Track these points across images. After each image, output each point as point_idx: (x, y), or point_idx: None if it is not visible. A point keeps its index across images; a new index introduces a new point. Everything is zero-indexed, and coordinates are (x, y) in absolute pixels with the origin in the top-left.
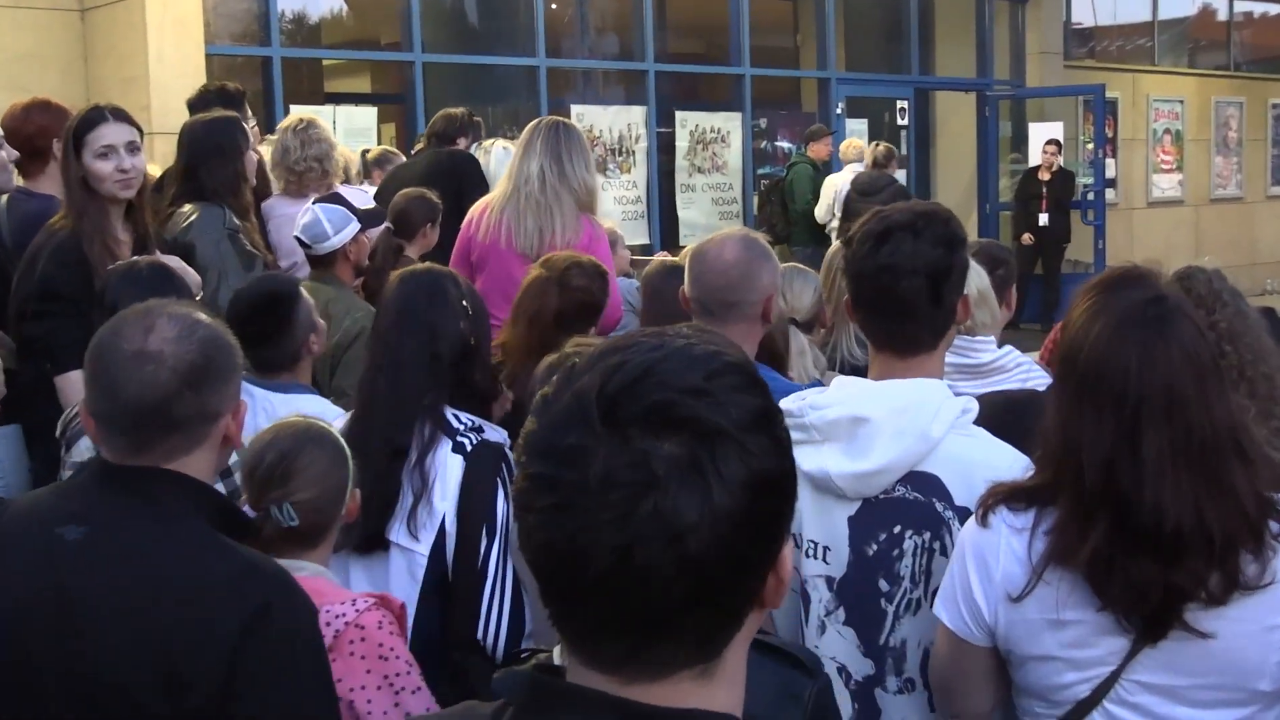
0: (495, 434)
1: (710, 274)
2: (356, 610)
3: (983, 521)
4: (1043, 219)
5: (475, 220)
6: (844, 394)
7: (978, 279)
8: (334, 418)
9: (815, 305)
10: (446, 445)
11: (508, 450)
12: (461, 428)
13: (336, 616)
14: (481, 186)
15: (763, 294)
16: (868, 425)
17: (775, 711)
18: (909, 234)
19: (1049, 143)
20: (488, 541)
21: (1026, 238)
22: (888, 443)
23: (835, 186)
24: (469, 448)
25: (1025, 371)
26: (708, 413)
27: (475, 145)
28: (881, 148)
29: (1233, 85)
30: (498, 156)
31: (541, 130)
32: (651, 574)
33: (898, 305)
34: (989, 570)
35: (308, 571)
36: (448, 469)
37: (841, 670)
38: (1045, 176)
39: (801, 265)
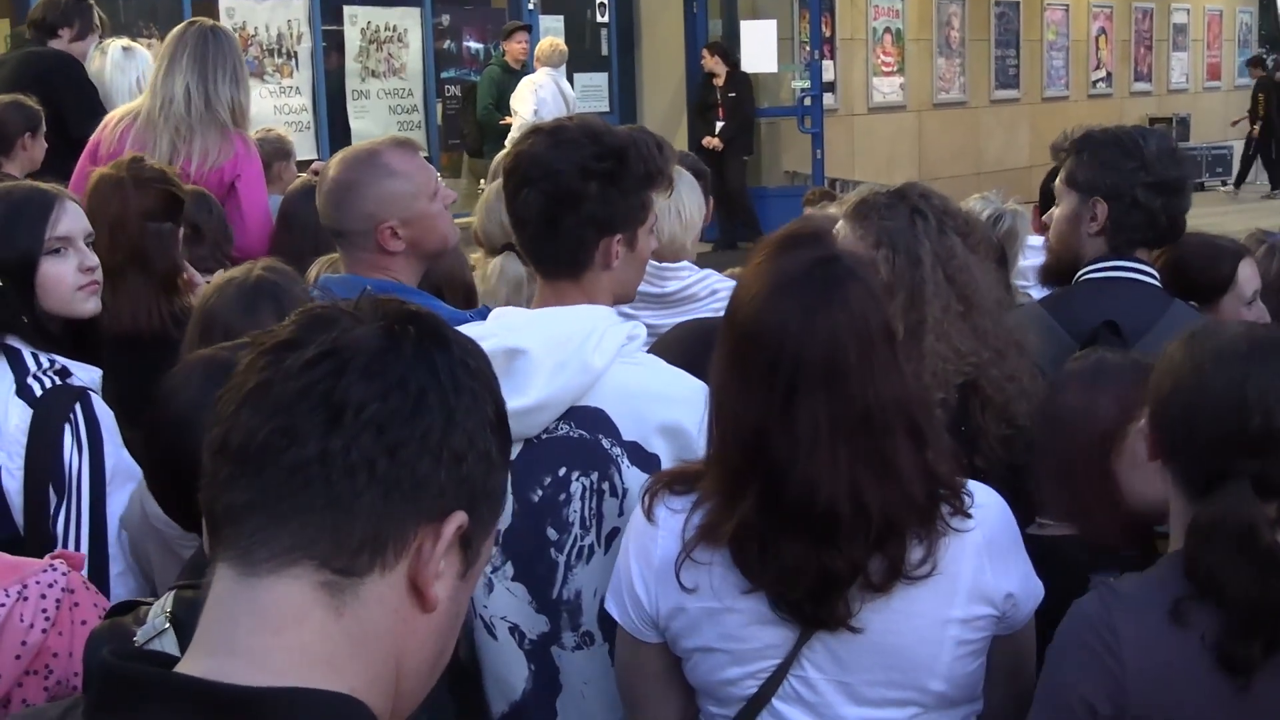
0: (82, 375)
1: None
2: (63, 574)
3: (647, 512)
4: (718, 128)
5: (103, 134)
6: (500, 325)
7: (682, 206)
8: None
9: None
10: (8, 388)
11: (91, 392)
12: (38, 368)
13: (50, 585)
14: (78, 93)
15: (369, 221)
16: (524, 358)
17: None
18: (545, 141)
19: (707, 47)
20: (57, 500)
21: (711, 141)
22: (547, 376)
23: (534, 89)
24: (38, 392)
25: (721, 300)
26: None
27: (93, 42)
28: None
29: None
30: (115, 60)
31: (188, 42)
32: None
33: (523, 217)
34: (649, 557)
35: None
36: (6, 415)
37: (514, 630)
38: (720, 83)
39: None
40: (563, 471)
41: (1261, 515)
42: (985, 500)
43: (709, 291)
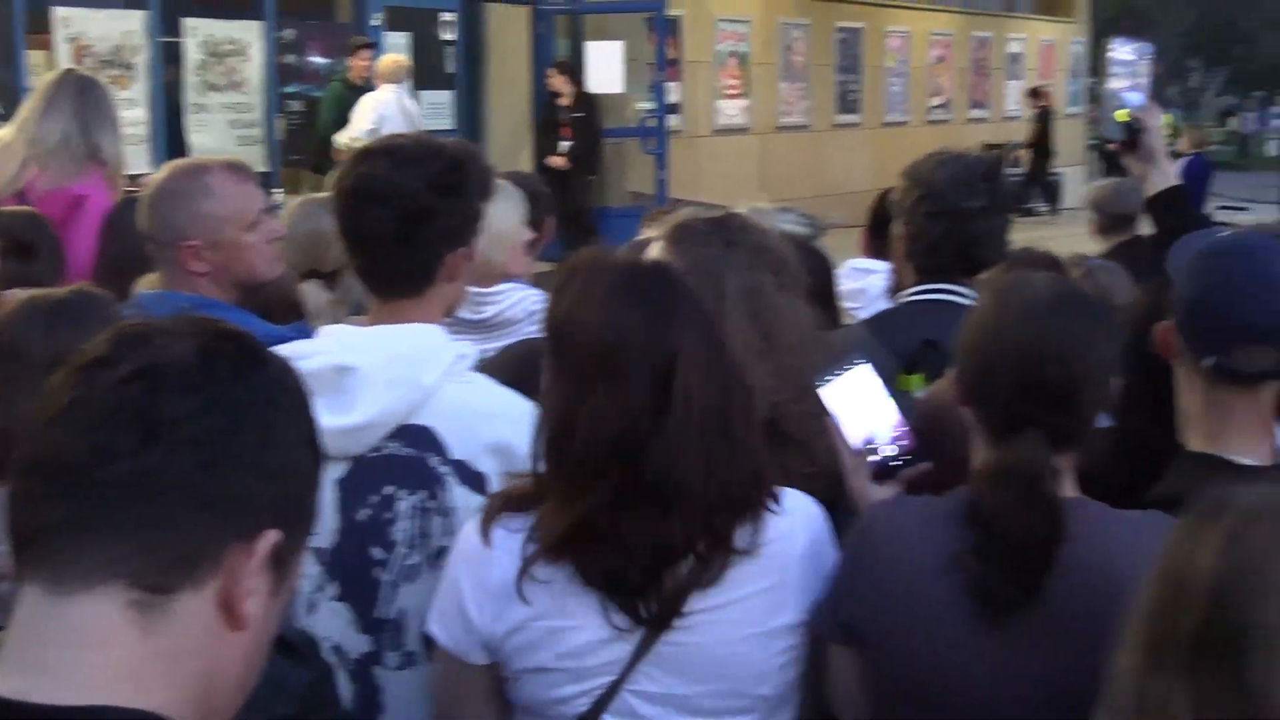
0: None
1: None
2: None
3: (484, 534)
4: (562, 148)
5: None
6: (330, 342)
7: (502, 222)
8: None
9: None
10: None
11: None
12: None
13: None
14: None
15: (175, 235)
16: (354, 375)
17: (257, 706)
18: (387, 160)
19: (554, 66)
20: None
21: (556, 160)
22: (377, 393)
23: (375, 107)
24: None
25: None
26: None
27: None
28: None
29: (798, 6)
30: None
31: (69, 91)
32: None
33: (364, 237)
34: (485, 579)
35: None
36: None
37: (337, 649)
38: (565, 103)
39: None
40: (389, 490)
41: (1048, 466)
42: (804, 508)
43: (526, 313)
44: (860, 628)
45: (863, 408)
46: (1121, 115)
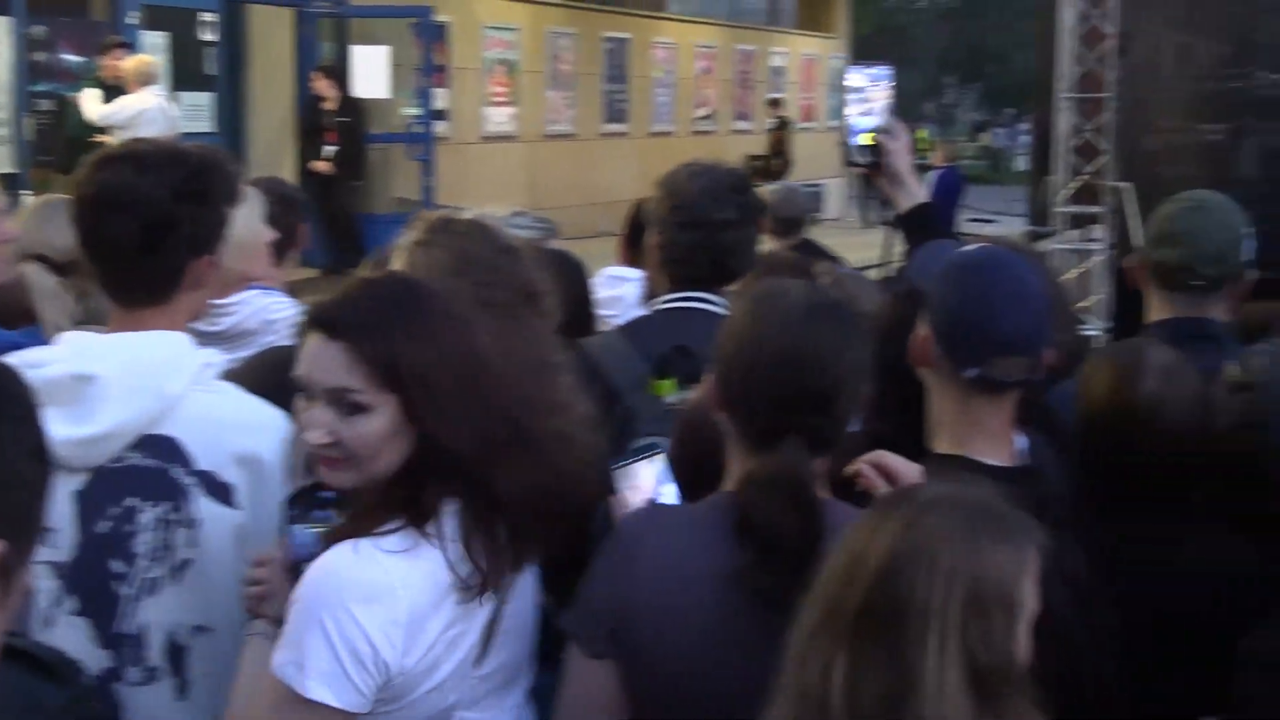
0: None
1: None
2: None
3: (356, 567)
4: (327, 152)
5: None
6: (68, 350)
7: (241, 228)
8: None
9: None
10: None
11: None
12: None
13: None
14: None
15: None
16: (94, 384)
17: None
18: (129, 166)
19: (318, 70)
20: None
21: (320, 165)
22: (118, 403)
23: (135, 105)
24: None
25: (281, 330)
26: None
27: None
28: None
29: (566, 15)
30: None
31: None
32: None
33: (105, 245)
34: (394, 612)
35: None
36: None
37: None
38: (330, 107)
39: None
40: (131, 502)
41: (809, 470)
42: None
43: (264, 323)
44: (626, 638)
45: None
46: (865, 139)
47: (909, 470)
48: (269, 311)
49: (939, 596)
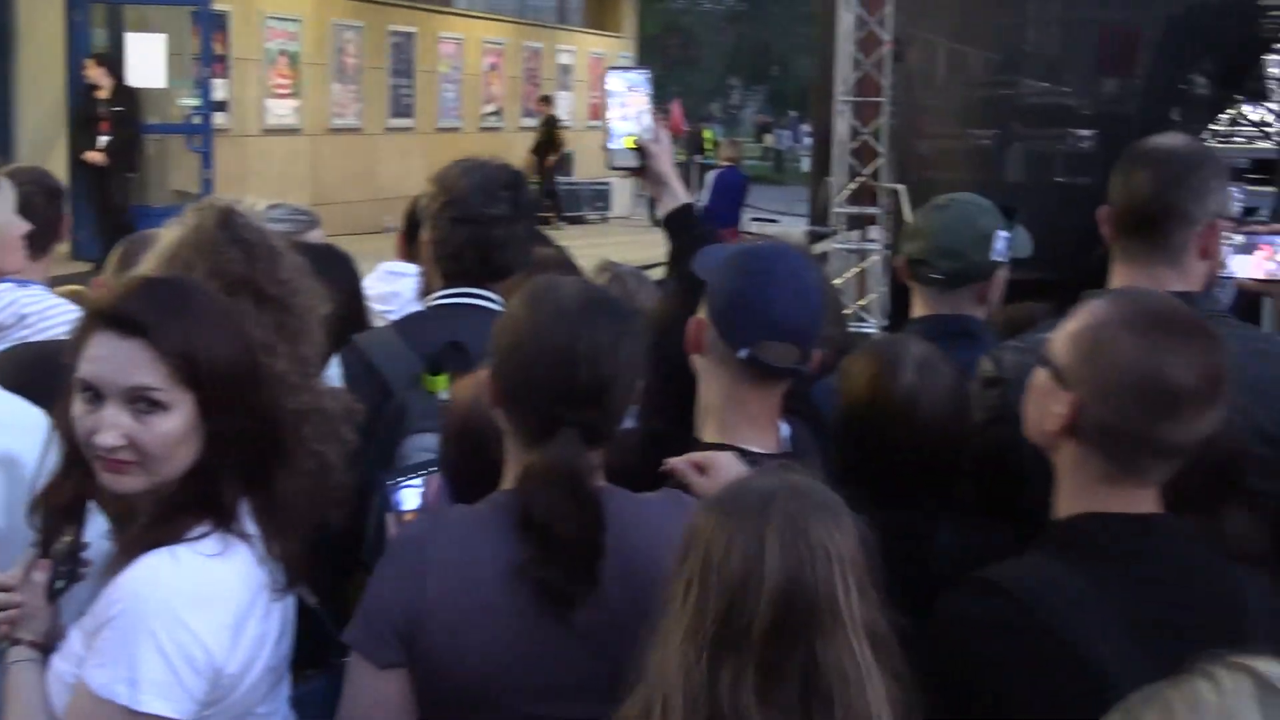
0: None
1: None
2: None
3: (181, 575)
4: (101, 143)
5: None
6: None
7: None
8: None
9: None
10: None
11: None
12: None
13: None
14: None
15: None
16: None
17: None
18: None
19: (92, 58)
20: None
21: (93, 156)
22: None
23: None
24: None
25: (35, 325)
26: None
27: None
28: None
29: (351, 7)
30: None
31: None
32: None
33: None
34: (220, 614)
35: None
36: None
37: None
38: (104, 96)
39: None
40: None
41: (587, 463)
42: None
43: (15, 317)
44: (418, 645)
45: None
46: (629, 142)
47: (730, 464)
48: (21, 305)
49: (841, 587)
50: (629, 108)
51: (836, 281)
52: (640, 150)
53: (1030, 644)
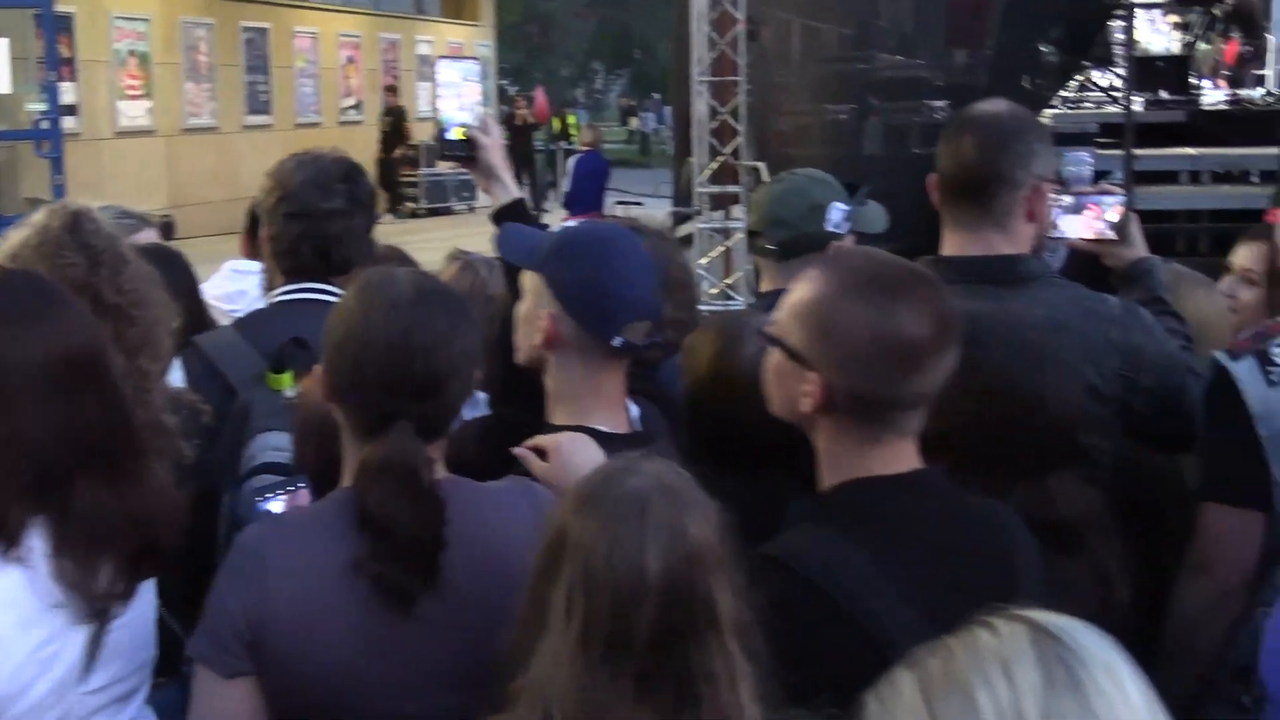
0: None
1: None
2: None
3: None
4: None
5: None
6: None
7: None
8: None
9: None
10: None
11: None
12: None
13: None
14: None
15: None
16: None
17: None
18: None
19: None
20: None
21: None
22: None
23: None
24: None
25: None
26: None
27: None
28: None
29: (201, 5)
30: None
31: None
32: None
33: None
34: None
35: None
36: None
37: None
38: None
39: None
40: None
41: (423, 456)
42: None
43: None
44: (264, 650)
45: None
46: (458, 133)
47: (575, 444)
48: None
49: (718, 588)
50: (463, 98)
51: (702, 261)
52: (470, 141)
53: (815, 616)
